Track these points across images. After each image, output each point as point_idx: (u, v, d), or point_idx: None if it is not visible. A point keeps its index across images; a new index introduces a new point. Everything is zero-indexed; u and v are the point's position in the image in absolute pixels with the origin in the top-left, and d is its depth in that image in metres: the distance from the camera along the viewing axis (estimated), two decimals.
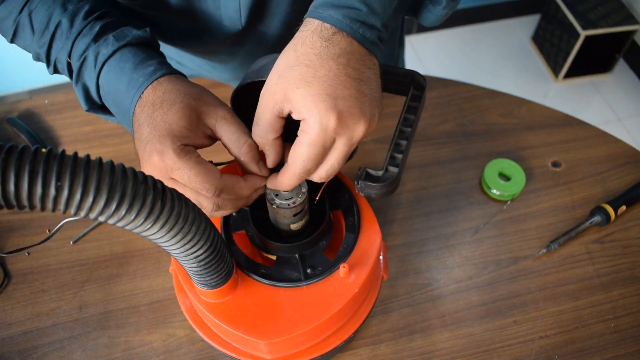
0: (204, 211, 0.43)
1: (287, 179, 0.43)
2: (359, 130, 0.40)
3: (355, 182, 0.45)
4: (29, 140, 0.73)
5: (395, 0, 0.44)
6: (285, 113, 0.41)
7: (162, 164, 0.41)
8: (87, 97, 0.51)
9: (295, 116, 0.40)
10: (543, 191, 0.71)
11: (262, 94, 0.42)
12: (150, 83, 0.44)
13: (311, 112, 0.38)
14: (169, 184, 0.40)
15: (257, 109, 0.42)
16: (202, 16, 0.59)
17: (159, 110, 0.43)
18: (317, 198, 0.49)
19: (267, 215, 0.49)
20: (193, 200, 0.39)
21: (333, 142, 0.40)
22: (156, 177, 0.38)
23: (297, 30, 0.42)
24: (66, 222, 0.64)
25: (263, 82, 0.42)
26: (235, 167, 0.53)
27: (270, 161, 0.45)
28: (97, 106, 0.52)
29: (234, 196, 0.45)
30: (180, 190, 0.42)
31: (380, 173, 0.44)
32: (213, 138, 0.45)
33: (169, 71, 0.46)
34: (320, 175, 0.42)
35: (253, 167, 0.45)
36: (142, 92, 0.44)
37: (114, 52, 0.47)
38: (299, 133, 0.40)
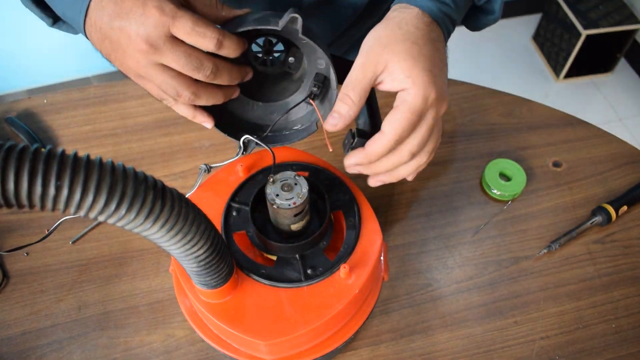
0: (186, 92, 0.43)
1: (378, 146, 0.44)
2: (443, 107, 0.46)
3: (347, 143, 0.46)
4: (27, 140, 0.73)
5: (469, 2, 0.51)
6: (378, 82, 0.44)
7: (162, 17, 0.40)
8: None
9: (391, 86, 0.44)
10: (544, 191, 0.71)
11: (361, 61, 0.44)
12: None
13: (416, 83, 0.42)
14: (163, 46, 0.40)
15: (354, 75, 0.44)
16: None
17: None
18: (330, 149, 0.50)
19: (268, 216, 0.49)
20: (176, 81, 0.41)
21: (426, 114, 0.44)
22: (151, 38, 0.40)
23: (394, 9, 0.47)
24: (64, 220, 0.64)
25: (265, 30, 0.45)
26: (232, 167, 0.53)
27: (342, 124, 0.45)
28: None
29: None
30: (174, 60, 0.41)
31: (367, 128, 0.47)
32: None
33: None
34: (411, 149, 0.45)
35: (347, 115, 0.44)
36: None
37: None
38: (397, 102, 0.43)
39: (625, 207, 0.67)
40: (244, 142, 0.52)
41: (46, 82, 1.90)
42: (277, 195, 0.46)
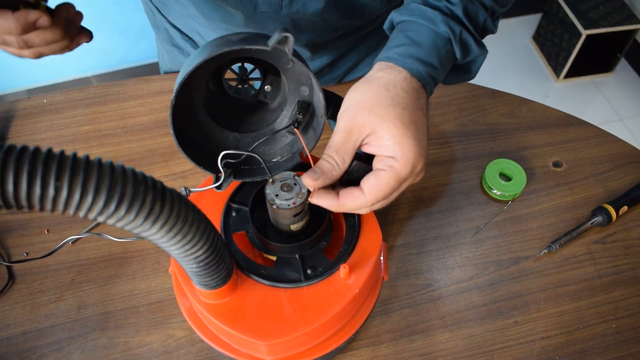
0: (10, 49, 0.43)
1: (354, 204, 0.43)
2: (422, 175, 0.44)
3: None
4: None
5: (451, 63, 0.48)
6: (364, 144, 0.43)
7: None
8: None
9: (376, 150, 0.42)
10: (544, 191, 0.71)
11: (344, 124, 0.42)
12: None
13: (405, 153, 0.41)
14: None
15: (337, 139, 0.43)
16: None
17: None
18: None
19: (267, 216, 0.49)
20: None
21: (407, 180, 0.43)
22: None
23: (380, 68, 0.44)
24: (70, 239, 0.64)
25: (248, 51, 0.42)
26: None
27: (321, 184, 0.43)
28: None
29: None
30: None
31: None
32: None
33: None
34: (384, 203, 0.44)
35: (331, 177, 0.43)
36: None
37: None
38: (382, 166, 0.42)
39: (625, 207, 0.67)
40: (217, 177, 0.48)
41: (46, 82, 1.90)
42: (277, 195, 0.46)
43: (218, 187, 0.47)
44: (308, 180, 0.43)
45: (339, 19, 0.65)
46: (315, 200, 0.44)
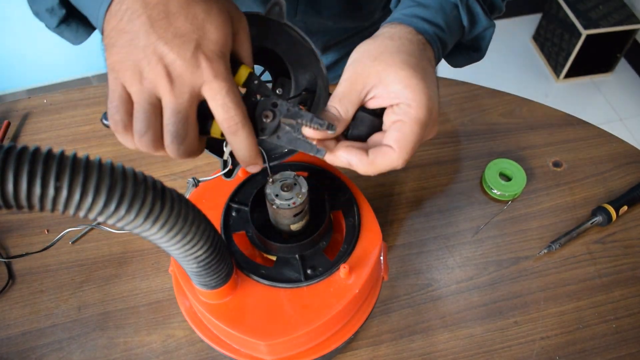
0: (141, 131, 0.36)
1: (390, 165, 0.40)
2: (435, 130, 0.42)
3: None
4: None
5: (458, 35, 0.47)
6: (370, 97, 0.40)
7: (210, 68, 0.34)
8: None
9: (386, 101, 0.40)
10: (544, 191, 0.71)
11: (348, 74, 0.40)
12: None
13: (417, 94, 0.38)
14: (176, 93, 0.34)
15: (340, 89, 0.40)
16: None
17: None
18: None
19: (267, 216, 0.49)
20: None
21: (429, 127, 0.40)
22: (175, 80, 0.33)
23: (385, 26, 0.43)
24: (69, 231, 0.64)
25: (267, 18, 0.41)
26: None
27: (328, 134, 0.40)
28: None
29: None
30: (168, 110, 0.35)
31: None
32: None
33: None
34: (410, 156, 0.41)
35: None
36: None
37: None
38: (399, 116, 0.39)
39: (625, 207, 0.67)
40: (225, 163, 0.47)
41: (46, 82, 1.90)
42: (277, 195, 0.46)
43: (228, 175, 0.47)
44: (309, 131, 0.40)
45: (349, 22, 0.65)
46: (344, 156, 0.41)
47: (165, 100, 0.35)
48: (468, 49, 0.51)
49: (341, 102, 0.40)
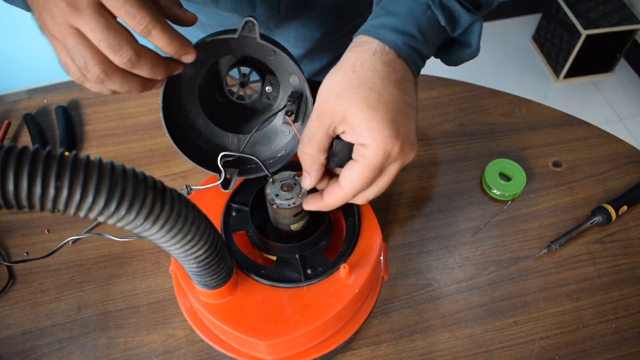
0: (95, 68, 0.37)
1: (335, 200, 0.42)
2: (411, 156, 0.41)
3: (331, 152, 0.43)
4: (38, 141, 0.73)
5: (441, 34, 0.45)
6: (336, 133, 0.41)
7: None
8: None
9: (351, 139, 0.40)
10: (544, 191, 0.71)
11: (316, 114, 0.41)
12: None
13: (375, 138, 0.38)
14: (84, 10, 0.35)
15: (309, 128, 0.41)
16: None
17: None
18: None
19: (267, 216, 0.49)
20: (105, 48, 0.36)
21: (388, 167, 0.41)
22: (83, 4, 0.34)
23: (351, 47, 0.42)
24: (70, 240, 0.64)
25: (224, 42, 0.42)
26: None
27: (312, 182, 0.43)
28: None
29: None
30: (90, 30, 0.35)
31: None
32: None
33: None
34: (367, 197, 0.43)
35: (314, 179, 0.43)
36: None
37: None
38: (356, 156, 0.40)
39: (625, 207, 0.67)
40: (225, 179, 0.49)
41: (46, 82, 1.90)
42: (277, 195, 0.46)
43: (225, 186, 0.48)
44: (303, 182, 0.44)
45: (335, 20, 0.65)
46: (307, 207, 0.45)
47: (81, 26, 0.35)
48: (459, 45, 0.49)
49: (311, 143, 0.41)
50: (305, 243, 0.48)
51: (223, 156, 0.47)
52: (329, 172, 0.45)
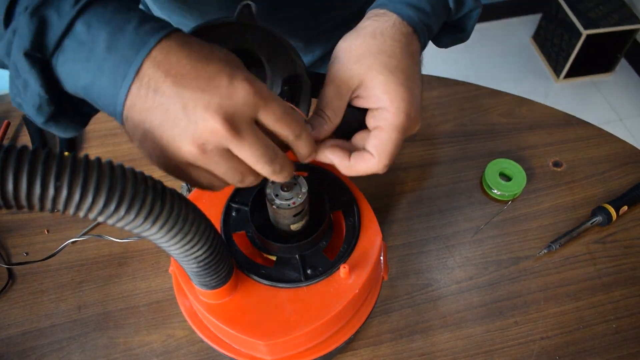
0: (250, 177, 0.36)
1: (368, 169, 0.41)
2: (417, 127, 0.42)
3: None
4: (37, 141, 0.73)
5: (445, 15, 0.46)
6: (354, 97, 0.41)
7: (254, 95, 0.32)
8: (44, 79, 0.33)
9: (367, 103, 0.40)
10: (544, 191, 0.71)
11: (332, 77, 0.41)
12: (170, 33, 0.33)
13: (394, 100, 0.39)
14: (245, 130, 0.33)
15: (326, 92, 0.41)
16: None
17: (211, 49, 0.34)
18: None
19: (267, 216, 0.49)
20: (252, 162, 0.34)
21: (408, 130, 0.41)
22: (235, 118, 0.32)
23: (368, 16, 0.43)
24: (70, 241, 0.64)
25: (229, 23, 0.41)
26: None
27: (321, 136, 0.41)
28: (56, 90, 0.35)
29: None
30: (251, 148, 0.33)
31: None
32: None
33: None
34: (391, 161, 0.42)
35: (323, 132, 0.41)
36: (166, 36, 0.32)
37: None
38: (377, 122, 0.40)
39: (625, 207, 0.67)
40: None
41: None
42: (277, 195, 0.46)
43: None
44: (318, 129, 0.41)
45: (331, 12, 0.64)
46: (328, 155, 0.42)
47: (238, 147, 0.33)
48: (453, 28, 0.51)
49: (328, 107, 0.41)
50: (305, 243, 0.48)
51: None
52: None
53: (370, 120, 0.42)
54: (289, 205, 0.45)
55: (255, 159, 0.34)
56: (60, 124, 0.37)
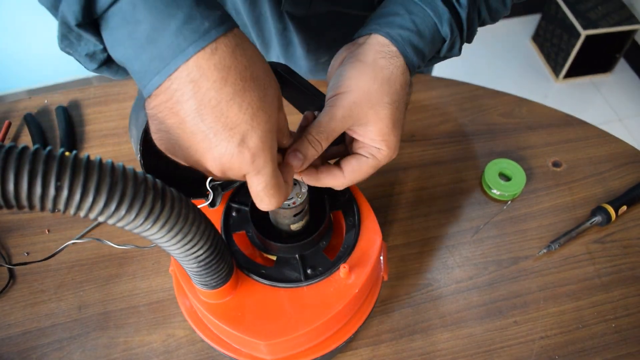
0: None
1: (333, 182, 0.44)
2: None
3: None
4: (38, 141, 0.73)
5: (434, 52, 0.49)
6: (350, 129, 0.43)
7: (253, 163, 0.34)
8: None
9: (364, 141, 0.43)
10: (544, 191, 0.71)
11: (343, 113, 0.42)
12: (221, 35, 0.31)
13: (389, 147, 0.43)
14: (229, 175, 0.35)
15: (332, 125, 0.42)
16: None
17: (251, 83, 0.33)
18: None
19: (267, 216, 0.49)
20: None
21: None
22: (225, 172, 0.34)
23: (382, 53, 0.44)
24: (70, 242, 0.64)
25: None
26: None
27: (304, 166, 0.42)
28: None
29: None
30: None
31: None
32: None
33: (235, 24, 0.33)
34: (357, 183, 0.46)
35: (309, 160, 0.42)
36: (211, 44, 0.31)
37: None
38: (365, 154, 0.44)
39: (624, 207, 0.67)
40: (213, 191, 0.48)
41: (46, 82, 1.90)
42: None
43: (212, 205, 0.48)
44: (296, 163, 0.41)
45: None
46: (303, 176, 0.44)
47: (253, 177, 0.36)
48: (446, 50, 0.53)
49: (327, 140, 0.42)
50: (305, 243, 0.48)
51: (211, 180, 0.47)
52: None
53: (357, 148, 0.45)
54: (289, 205, 0.45)
55: (262, 187, 0.36)
56: (112, 68, 0.39)
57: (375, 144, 0.43)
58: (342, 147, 0.47)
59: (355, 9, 0.64)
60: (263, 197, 0.37)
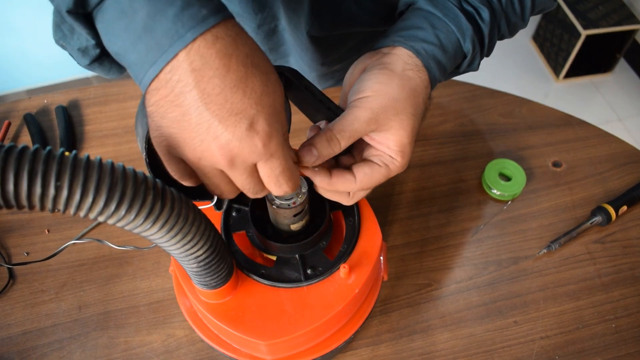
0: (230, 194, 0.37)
1: (344, 186, 0.43)
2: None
3: None
4: (38, 140, 0.73)
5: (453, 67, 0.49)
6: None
7: (262, 148, 0.33)
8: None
9: (380, 148, 0.43)
10: (544, 191, 0.71)
11: (370, 116, 0.41)
12: (219, 22, 0.31)
13: (405, 157, 0.43)
14: (239, 169, 0.34)
15: (355, 126, 0.41)
16: None
17: (253, 70, 0.32)
18: None
19: (267, 216, 0.49)
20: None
21: None
22: (236, 159, 0.33)
23: (409, 64, 0.44)
24: (71, 242, 0.64)
25: None
26: None
27: (316, 162, 0.42)
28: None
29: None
30: (240, 182, 0.35)
31: None
32: None
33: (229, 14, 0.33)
34: (368, 192, 0.46)
35: (326, 157, 0.42)
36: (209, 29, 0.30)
37: None
38: (379, 162, 0.43)
39: (624, 207, 0.67)
40: (218, 200, 0.47)
41: (46, 82, 1.90)
42: (277, 195, 0.46)
43: (219, 207, 0.48)
44: (307, 163, 0.40)
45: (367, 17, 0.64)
46: (309, 173, 0.43)
47: (265, 165, 0.35)
48: (466, 66, 0.53)
49: (348, 139, 0.41)
50: (305, 243, 0.48)
51: None
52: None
53: (371, 155, 0.44)
54: (289, 205, 0.45)
55: (242, 187, 0.36)
56: (105, 65, 0.38)
57: (391, 153, 0.42)
58: (352, 159, 0.45)
59: (376, 27, 0.65)
60: (282, 182, 0.35)
